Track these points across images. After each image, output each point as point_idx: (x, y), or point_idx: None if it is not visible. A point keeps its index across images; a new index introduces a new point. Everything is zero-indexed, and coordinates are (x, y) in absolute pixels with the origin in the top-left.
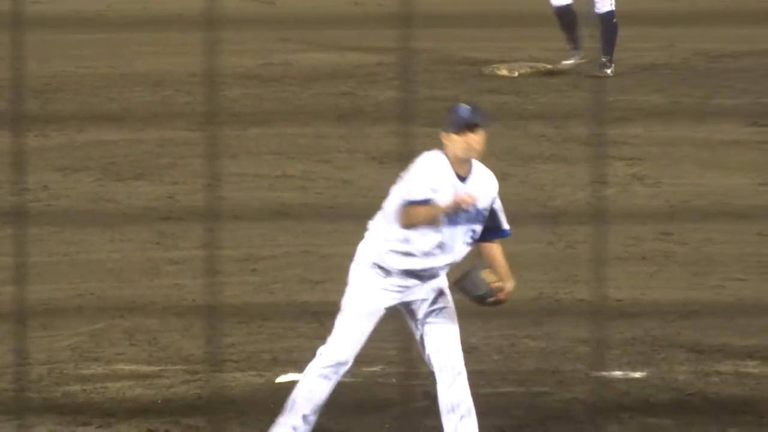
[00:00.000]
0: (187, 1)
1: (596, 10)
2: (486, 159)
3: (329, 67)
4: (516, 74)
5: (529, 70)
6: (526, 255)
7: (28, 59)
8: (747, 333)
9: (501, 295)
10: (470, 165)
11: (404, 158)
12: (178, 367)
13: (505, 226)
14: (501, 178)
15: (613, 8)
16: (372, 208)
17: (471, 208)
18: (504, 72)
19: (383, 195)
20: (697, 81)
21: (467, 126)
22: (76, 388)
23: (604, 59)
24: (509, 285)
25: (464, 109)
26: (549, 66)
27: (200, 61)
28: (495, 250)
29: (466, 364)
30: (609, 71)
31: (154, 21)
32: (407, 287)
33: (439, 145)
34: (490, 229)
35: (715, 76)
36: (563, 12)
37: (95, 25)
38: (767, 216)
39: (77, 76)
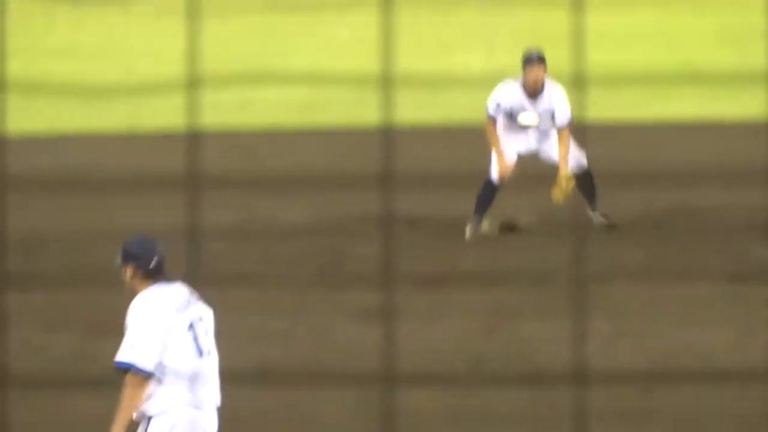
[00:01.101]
0: (169, 156)
1: (581, 167)
2: (469, 315)
3: (310, 222)
4: (497, 230)
5: (511, 225)
6: (508, 412)
7: (9, 215)
8: None
9: None
10: None
11: (386, 314)
12: None
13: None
14: (486, 333)
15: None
16: (354, 363)
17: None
18: (485, 227)
19: (365, 351)
20: (677, 236)
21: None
22: None
23: (598, 211)
24: None
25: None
26: (531, 221)
27: (181, 217)
28: None
29: None
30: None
31: (137, 177)
32: None
33: None
34: None
35: (694, 231)
36: (495, 188)
37: (78, 183)
38: (748, 372)
39: (59, 232)
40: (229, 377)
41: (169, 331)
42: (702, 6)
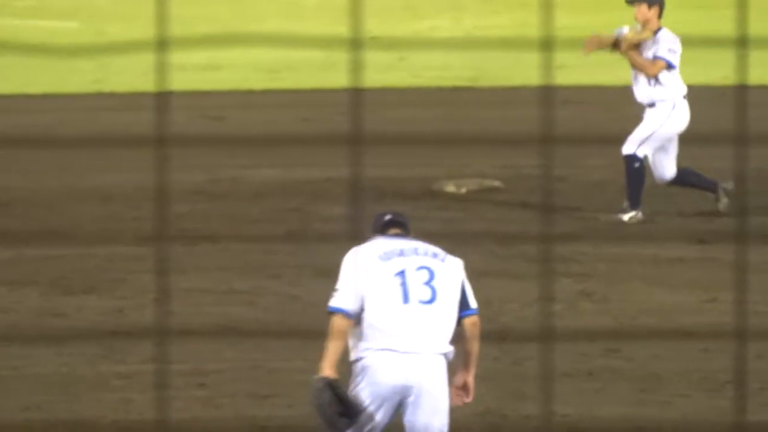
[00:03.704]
0: (137, 116)
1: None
2: None
3: (277, 183)
4: (464, 191)
5: (476, 187)
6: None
7: None
8: None
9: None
10: None
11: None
12: None
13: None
14: None
15: (631, 153)
16: (320, 322)
17: None
18: (452, 188)
19: None
20: (644, 198)
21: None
22: None
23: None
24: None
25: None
26: (497, 183)
27: (149, 177)
28: None
29: None
30: (626, 217)
31: (104, 137)
32: None
33: None
34: None
35: (662, 194)
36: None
37: (44, 142)
38: (712, 333)
39: (26, 190)
40: (195, 333)
41: (368, 277)
42: None
